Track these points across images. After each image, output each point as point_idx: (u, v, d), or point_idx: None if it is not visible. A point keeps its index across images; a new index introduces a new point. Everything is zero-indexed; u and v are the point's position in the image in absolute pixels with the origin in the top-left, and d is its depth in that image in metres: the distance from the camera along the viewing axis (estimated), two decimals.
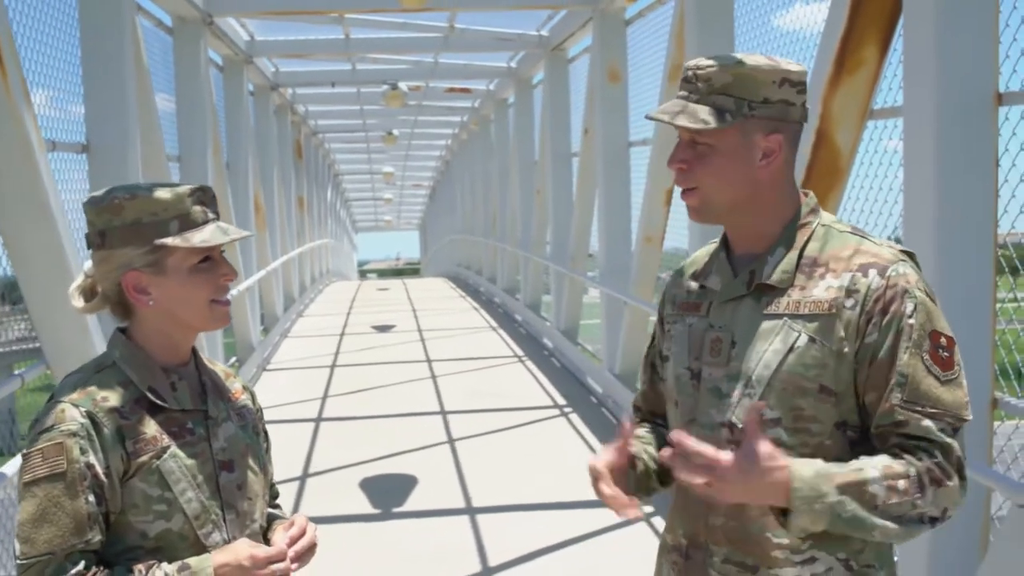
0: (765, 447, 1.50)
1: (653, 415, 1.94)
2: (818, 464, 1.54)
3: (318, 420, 7.71)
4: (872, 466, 1.55)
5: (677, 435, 1.52)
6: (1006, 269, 3.39)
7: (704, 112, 1.64)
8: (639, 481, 1.80)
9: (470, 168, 19.16)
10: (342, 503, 5.59)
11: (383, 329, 13.00)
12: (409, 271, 55.59)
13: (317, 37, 10.72)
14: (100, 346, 4.39)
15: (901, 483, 1.53)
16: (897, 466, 1.55)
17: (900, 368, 1.58)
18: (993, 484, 2.84)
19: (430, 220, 35.14)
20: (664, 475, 1.84)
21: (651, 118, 1.70)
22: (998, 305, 3.27)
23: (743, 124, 1.64)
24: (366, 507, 5.55)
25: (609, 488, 1.68)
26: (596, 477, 1.70)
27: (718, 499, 1.55)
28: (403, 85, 12.38)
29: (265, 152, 12.22)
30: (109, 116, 5.12)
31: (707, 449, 1.50)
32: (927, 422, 1.57)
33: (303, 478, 6.07)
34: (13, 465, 3.55)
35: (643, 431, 1.91)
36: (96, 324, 4.42)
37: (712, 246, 1.84)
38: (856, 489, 1.52)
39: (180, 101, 7.96)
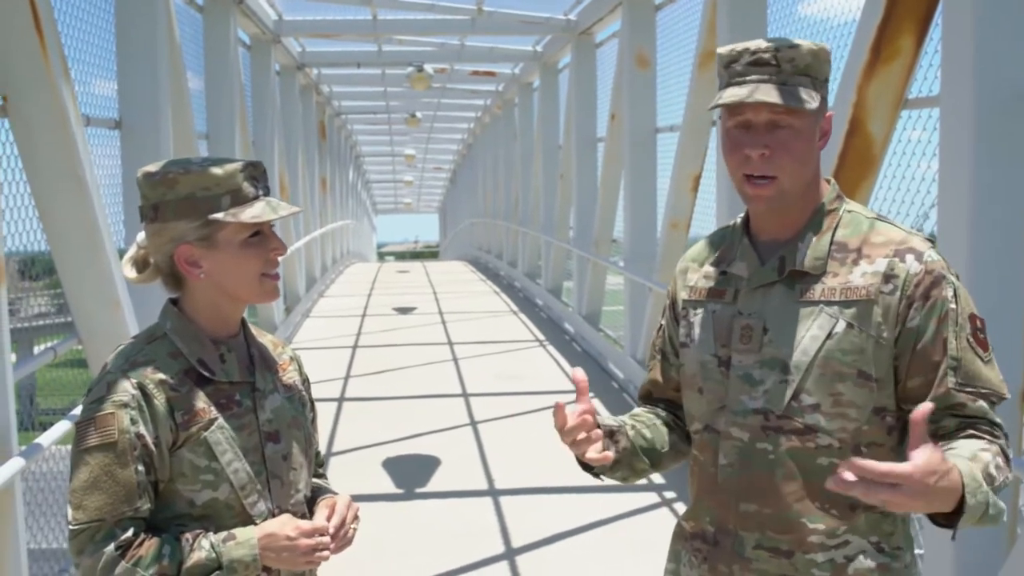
0: (935, 453, 1.37)
1: (664, 403, 1.90)
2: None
3: (340, 400, 7.75)
4: (981, 448, 1.52)
5: (856, 464, 1.33)
6: None
7: (802, 92, 1.61)
8: (620, 457, 1.76)
9: (493, 151, 19.12)
10: (365, 482, 5.63)
11: (404, 311, 13.03)
12: (428, 254, 55.63)
13: (344, 17, 10.71)
14: (131, 321, 4.43)
15: (1000, 460, 1.53)
16: (992, 445, 1.55)
17: (952, 352, 1.59)
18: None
19: (450, 203, 35.12)
20: (655, 456, 1.80)
21: (726, 104, 1.62)
22: None
23: (819, 105, 1.64)
24: (389, 487, 5.59)
25: (574, 421, 1.59)
26: (562, 420, 1.59)
27: (894, 509, 1.40)
28: (428, 67, 12.36)
29: (290, 132, 12.25)
30: (142, 93, 5.15)
31: (895, 468, 1.34)
32: (980, 402, 1.58)
33: (326, 457, 6.11)
34: (47, 438, 3.59)
35: (640, 410, 1.89)
36: (127, 298, 4.45)
37: (726, 232, 1.82)
38: (986, 474, 1.48)
39: (209, 80, 8.00)
